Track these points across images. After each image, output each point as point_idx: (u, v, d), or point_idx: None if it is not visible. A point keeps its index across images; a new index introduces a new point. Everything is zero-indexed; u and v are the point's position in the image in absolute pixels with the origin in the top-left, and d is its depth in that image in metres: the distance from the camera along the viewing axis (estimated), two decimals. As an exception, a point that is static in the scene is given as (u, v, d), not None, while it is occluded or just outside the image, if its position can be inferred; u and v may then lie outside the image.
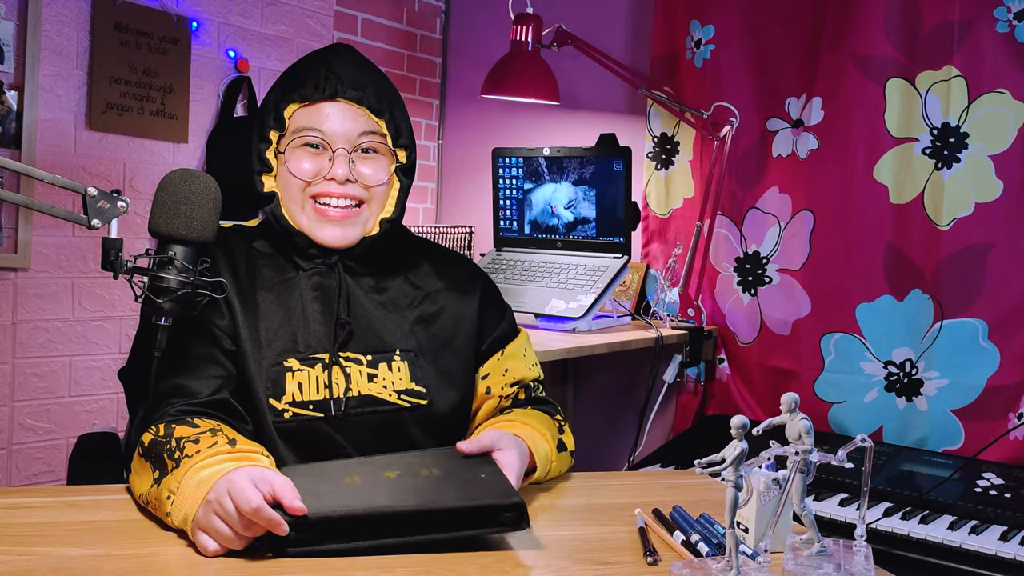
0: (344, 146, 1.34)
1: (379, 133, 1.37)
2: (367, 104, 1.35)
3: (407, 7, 3.36)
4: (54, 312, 2.47)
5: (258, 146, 1.37)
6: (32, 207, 1.23)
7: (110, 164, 2.55)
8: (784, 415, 1.01)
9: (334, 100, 1.34)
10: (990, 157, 2.36)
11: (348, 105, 1.35)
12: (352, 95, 1.35)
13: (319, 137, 1.34)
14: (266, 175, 1.37)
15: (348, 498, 1.09)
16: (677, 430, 2.85)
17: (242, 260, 1.37)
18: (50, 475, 2.50)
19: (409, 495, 1.11)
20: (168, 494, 1.09)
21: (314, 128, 1.34)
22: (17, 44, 2.33)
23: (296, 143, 1.35)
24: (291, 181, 1.35)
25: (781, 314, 2.67)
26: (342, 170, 1.33)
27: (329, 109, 1.34)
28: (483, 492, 1.12)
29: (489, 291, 1.51)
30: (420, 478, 1.16)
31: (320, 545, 1.04)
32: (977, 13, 2.36)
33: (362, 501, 1.08)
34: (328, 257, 1.37)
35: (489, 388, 1.45)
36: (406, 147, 1.40)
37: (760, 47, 2.72)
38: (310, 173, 1.34)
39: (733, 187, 2.75)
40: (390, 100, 1.38)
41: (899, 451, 2.39)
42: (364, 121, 1.35)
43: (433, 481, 1.16)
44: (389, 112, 1.37)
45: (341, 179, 1.33)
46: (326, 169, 1.34)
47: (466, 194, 3.44)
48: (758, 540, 1.09)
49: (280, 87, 1.37)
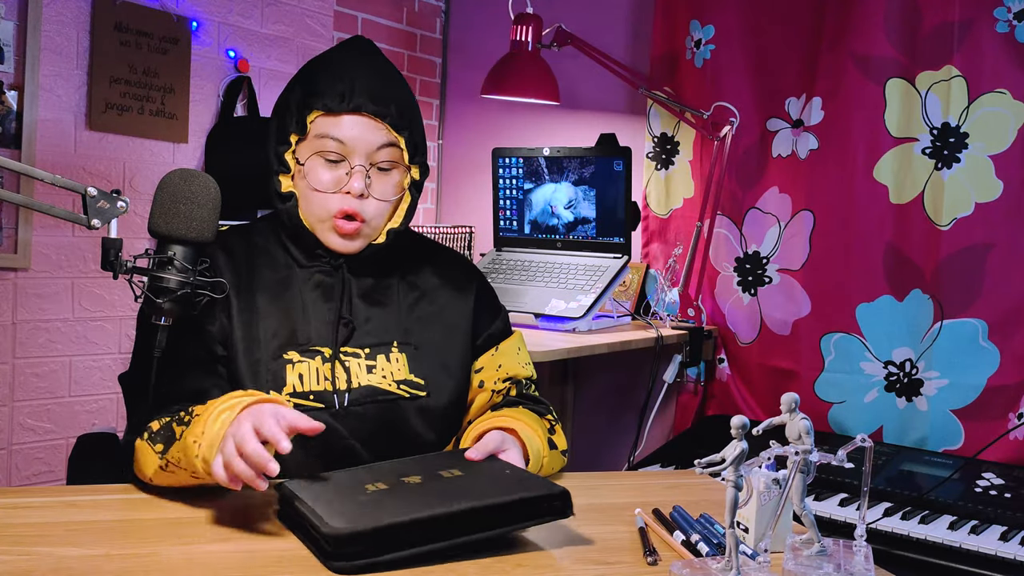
0: (362, 162, 1.35)
1: (397, 147, 1.39)
2: (389, 120, 1.37)
3: (407, 7, 3.36)
4: (54, 312, 2.47)
5: (277, 147, 1.38)
6: (32, 207, 1.23)
7: (110, 164, 2.55)
8: (784, 415, 1.01)
9: (357, 114, 1.35)
10: (990, 157, 2.36)
11: (370, 119, 1.36)
12: (374, 110, 1.36)
13: (338, 149, 1.35)
14: (283, 175, 1.38)
15: (390, 507, 1.05)
16: (677, 430, 2.85)
17: (243, 261, 1.38)
18: (50, 475, 2.50)
19: (451, 497, 1.07)
20: (194, 439, 1.13)
21: (335, 138, 1.35)
22: (17, 44, 2.33)
23: (315, 148, 1.36)
24: (311, 193, 1.37)
25: (781, 314, 2.67)
26: (358, 185, 1.35)
27: (351, 121, 1.35)
28: (523, 486, 1.12)
29: (485, 291, 1.53)
30: (446, 480, 1.15)
31: (376, 557, 0.99)
32: (977, 13, 2.36)
33: (409, 508, 1.03)
34: (334, 259, 1.40)
35: (482, 382, 1.46)
36: (421, 164, 1.43)
37: (760, 47, 2.72)
38: (329, 185, 1.36)
39: (733, 187, 2.75)
40: (411, 116, 1.40)
41: (899, 451, 2.39)
42: (384, 135, 1.37)
43: (463, 482, 1.15)
44: (409, 129, 1.39)
45: (356, 193, 1.35)
46: (343, 182, 1.35)
47: (466, 194, 3.44)
48: (758, 540, 1.09)
49: (303, 91, 1.37)
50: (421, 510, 1.03)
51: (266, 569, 1.01)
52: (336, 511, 1.04)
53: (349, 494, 1.10)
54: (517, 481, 1.14)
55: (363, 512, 1.03)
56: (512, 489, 1.10)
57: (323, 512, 1.03)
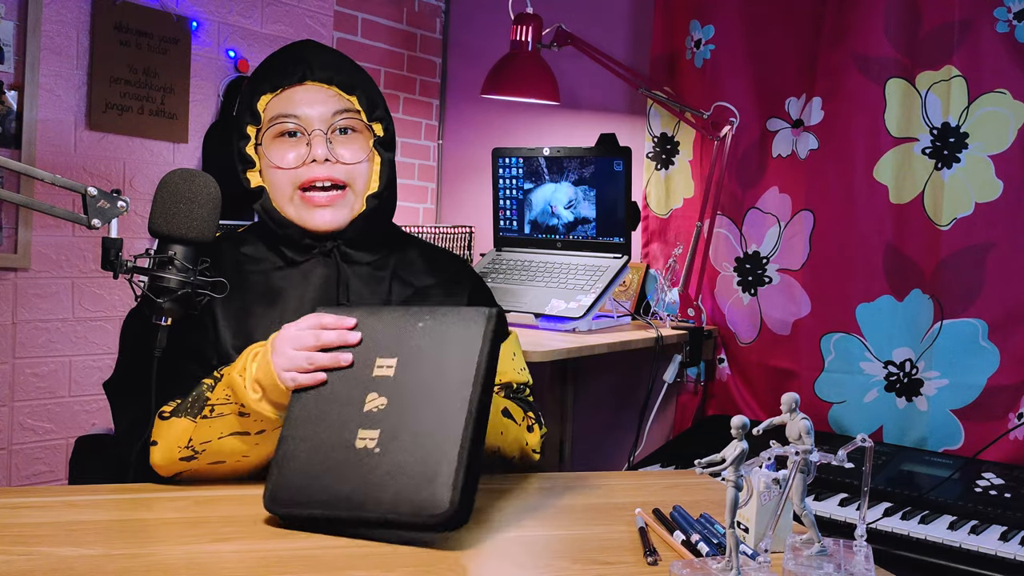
0: (320, 127, 1.34)
1: (352, 110, 1.37)
2: (337, 83, 1.36)
3: (407, 7, 3.36)
4: (54, 312, 2.47)
5: (238, 144, 1.38)
6: (32, 207, 1.23)
7: (110, 164, 2.55)
8: (784, 415, 1.01)
9: (304, 84, 1.35)
10: (990, 157, 2.36)
11: (318, 87, 1.36)
12: (321, 76, 1.35)
13: (295, 123, 1.34)
14: (250, 171, 1.38)
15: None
16: (677, 430, 2.85)
17: (230, 267, 1.37)
18: (50, 475, 2.50)
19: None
20: (237, 372, 1.19)
21: (288, 114, 1.34)
22: (17, 44, 2.33)
23: (272, 132, 1.35)
24: (276, 174, 1.35)
25: (781, 314, 2.67)
26: (321, 150, 1.33)
27: (300, 94, 1.35)
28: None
29: (479, 291, 1.52)
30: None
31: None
32: (977, 13, 2.36)
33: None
34: (323, 244, 1.38)
35: None
36: (382, 119, 1.40)
37: (760, 47, 2.72)
38: (293, 161, 1.34)
39: (733, 187, 2.75)
40: (360, 77, 1.40)
41: (899, 451, 2.39)
42: (336, 100, 1.36)
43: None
44: (361, 88, 1.38)
45: (321, 159, 1.33)
46: (306, 153, 1.34)
47: (466, 194, 3.44)
48: (758, 540, 1.09)
49: (250, 83, 1.39)
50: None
51: (266, 569, 1.01)
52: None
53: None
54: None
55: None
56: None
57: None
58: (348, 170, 1.36)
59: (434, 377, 1.14)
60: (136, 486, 1.27)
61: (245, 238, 1.43)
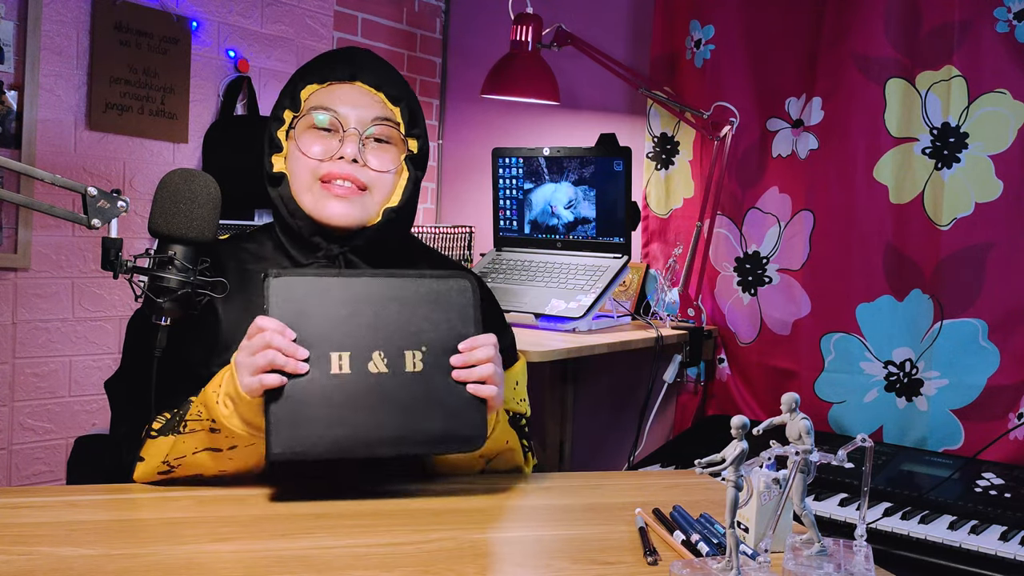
0: (356, 127, 1.33)
1: (393, 120, 1.36)
2: (384, 91, 1.35)
3: (407, 7, 3.36)
4: (54, 312, 2.47)
5: (270, 126, 1.36)
6: (32, 207, 1.23)
7: (110, 164, 2.55)
8: (784, 415, 1.01)
9: (352, 83, 1.34)
10: (990, 157, 2.36)
11: (365, 89, 1.35)
12: (370, 79, 1.35)
13: (332, 117, 1.33)
14: (276, 156, 1.36)
15: (331, 420, 1.16)
16: (677, 430, 2.85)
17: (233, 266, 1.36)
18: (50, 475, 2.50)
19: (384, 415, 1.18)
20: (212, 389, 1.19)
21: (328, 108, 1.33)
22: (17, 44, 2.33)
23: (307, 122, 1.34)
24: (301, 161, 1.33)
25: (781, 314, 2.67)
26: (351, 149, 1.32)
27: (346, 91, 1.34)
28: (450, 418, 1.20)
29: (489, 304, 1.48)
30: (405, 376, 1.20)
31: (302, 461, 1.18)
32: (977, 13, 2.36)
33: (341, 430, 1.16)
34: (330, 248, 1.35)
35: None
36: (419, 137, 1.39)
37: (760, 47, 2.72)
38: (320, 153, 1.33)
39: (733, 187, 2.75)
40: (408, 92, 1.39)
41: (899, 451, 2.39)
42: (379, 107, 1.35)
43: (415, 385, 1.20)
44: (406, 101, 1.37)
45: (349, 158, 1.31)
46: (335, 149, 1.32)
47: (466, 194, 3.44)
48: (758, 540, 1.09)
49: (298, 73, 1.38)
50: (342, 447, 1.16)
51: (266, 569, 1.01)
52: (287, 421, 1.15)
53: (311, 373, 1.17)
54: (452, 408, 1.21)
55: (305, 432, 1.15)
56: (437, 425, 1.20)
57: (275, 418, 1.14)
58: (373, 176, 1.34)
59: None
60: (136, 486, 1.27)
61: (253, 236, 1.42)
